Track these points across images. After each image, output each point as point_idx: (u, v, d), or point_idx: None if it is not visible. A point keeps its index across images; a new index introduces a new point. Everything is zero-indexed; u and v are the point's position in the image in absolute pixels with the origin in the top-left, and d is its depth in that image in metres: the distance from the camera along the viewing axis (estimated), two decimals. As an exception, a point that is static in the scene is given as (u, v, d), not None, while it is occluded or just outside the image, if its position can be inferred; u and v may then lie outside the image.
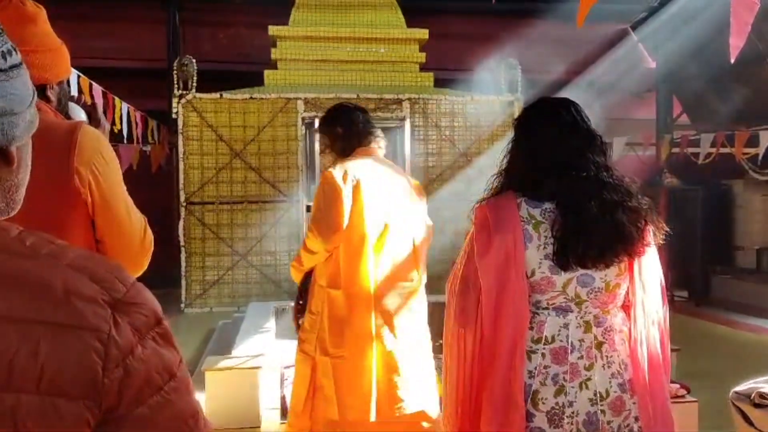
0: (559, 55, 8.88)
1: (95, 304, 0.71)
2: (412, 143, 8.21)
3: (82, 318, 0.70)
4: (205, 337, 6.45)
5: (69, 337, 0.69)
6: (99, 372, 0.69)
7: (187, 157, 7.86)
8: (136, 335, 0.72)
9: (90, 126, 1.66)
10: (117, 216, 1.61)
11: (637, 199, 1.76)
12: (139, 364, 0.72)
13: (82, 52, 8.00)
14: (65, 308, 0.69)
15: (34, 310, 0.68)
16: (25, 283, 0.70)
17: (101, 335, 0.70)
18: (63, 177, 1.51)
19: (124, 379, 0.70)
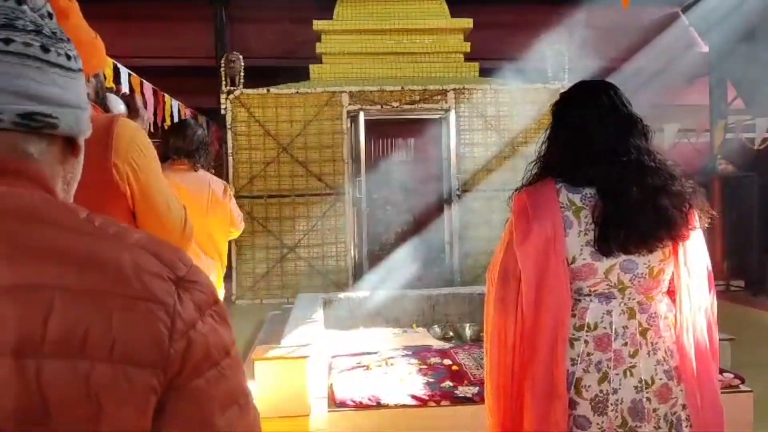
0: (607, 42, 8.71)
1: (161, 280, 0.76)
2: (458, 134, 8.18)
3: (151, 291, 0.75)
4: (255, 328, 6.57)
5: (139, 308, 0.73)
6: (166, 342, 0.74)
7: (236, 152, 8.00)
8: (197, 311, 0.77)
9: (126, 119, 1.69)
10: (156, 206, 1.64)
11: (681, 183, 1.72)
12: (199, 338, 0.76)
13: (133, 51, 8.23)
14: (135, 282, 0.74)
15: (108, 282, 0.73)
16: (97, 259, 0.75)
17: (168, 308, 0.75)
18: (102, 171, 1.55)
19: (186, 350, 0.75)
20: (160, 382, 0.74)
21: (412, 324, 6.08)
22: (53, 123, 0.82)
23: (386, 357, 4.40)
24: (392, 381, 3.88)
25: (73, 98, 0.85)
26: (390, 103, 8.07)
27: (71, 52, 0.86)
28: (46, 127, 0.81)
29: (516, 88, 8.22)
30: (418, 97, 8.10)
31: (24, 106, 0.79)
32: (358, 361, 4.33)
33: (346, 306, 6.32)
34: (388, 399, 3.61)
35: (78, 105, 0.86)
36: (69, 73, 0.85)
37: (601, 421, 1.69)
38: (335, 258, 8.11)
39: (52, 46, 0.83)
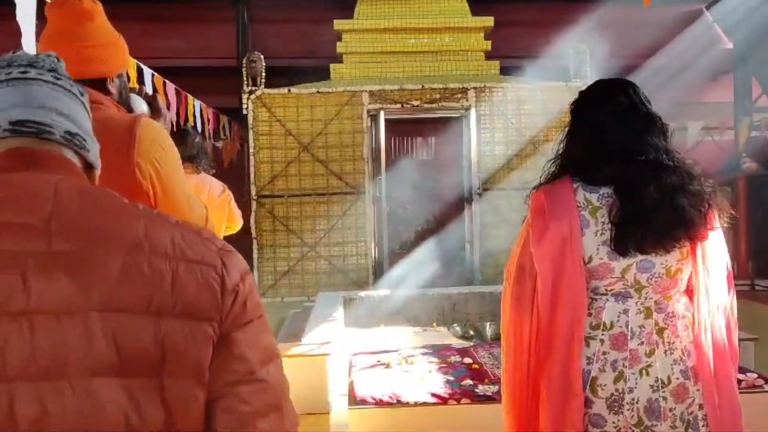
0: (629, 39, 8.64)
1: (208, 248, 0.93)
2: (478, 132, 8.16)
3: (203, 256, 0.91)
4: (276, 325, 6.61)
5: (195, 270, 0.89)
6: (218, 297, 0.90)
7: (257, 152, 8.05)
8: (238, 274, 0.94)
9: (149, 119, 1.71)
10: (178, 205, 1.66)
11: (700, 182, 1.71)
12: (242, 297, 0.93)
13: (156, 51, 8.32)
14: (188, 251, 0.90)
15: (166, 251, 0.88)
16: (151, 233, 0.89)
17: (217, 269, 0.91)
18: (125, 170, 1.57)
19: (233, 305, 0.91)
20: (215, 332, 0.89)
21: (432, 323, 6.08)
22: (86, 147, 0.99)
23: (406, 355, 4.41)
24: (412, 379, 3.89)
25: (94, 137, 1.03)
26: (410, 101, 8.08)
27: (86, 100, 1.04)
28: (82, 149, 0.98)
29: (537, 86, 8.18)
30: (439, 96, 8.10)
31: (69, 127, 0.95)
32: (379, 359, 4.35)
33: (367, 304, 6.34)
34: (408, 397, 3.62)
35: (95, 142, 1.03)
36: (89, 117, 1.03)
37: (617, 419, 1.69)
38: (355, 257, 8.13)
39: (85, 98, 1.02)
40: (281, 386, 0.98)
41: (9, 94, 0.92)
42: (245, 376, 0.92)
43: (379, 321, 6.05)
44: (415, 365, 4.19)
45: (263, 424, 0.93)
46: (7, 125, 0.91)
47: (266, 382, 0.94)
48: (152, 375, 0.85)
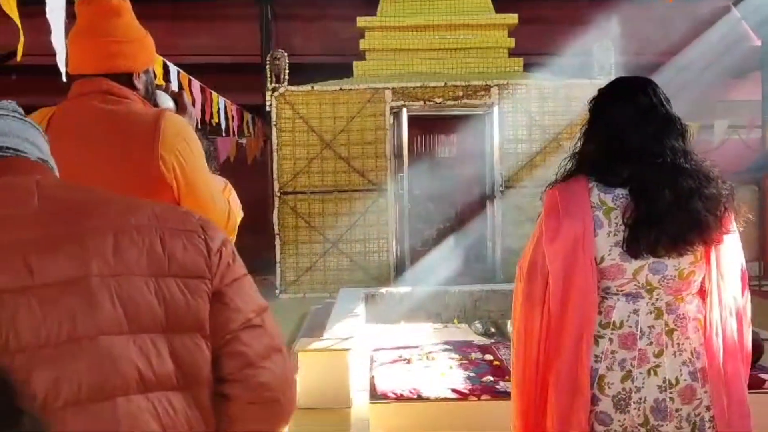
0: (655, 36, 8.55)
1: (187, 218, 1.04)
2: (501, 129, 8.13)
3: (184, 224, 1.02)
4: (298, 321, 6.66)
5: (180, 235, 1.00)
6: (206, 257, 1.00)
7: (280, 149, 8.11)
8: (219, 240, 1.04)
9: (174, 113, 1.75)
10: (201, 199, 1.69)
11: (716, 185, 1.69)
12: (225, 257, 1.03)
13: (182, 49, 8.40)
14: (170, 219, 1.01)
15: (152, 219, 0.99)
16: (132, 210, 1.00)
17: (200, 234, 1.02)
18: (149, 162, 1.61)
19: (219, 264, 1.02)
20: (209, 288, 0.99)
21: (454, 319, 6.09)
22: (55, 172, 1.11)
23: (427, 351, 4.43)
24: (433, 375, 3.90)
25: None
26: (433, 99, 8.08)
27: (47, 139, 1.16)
28: (53, 171, 1.09)
29: (561, 83, 8.13)
30: (462, 93, 8.09)
31: (39, 154, 1.07)
32: (400, 355, 4.37)
33: (388, 301, 6.36)
34: (428, 392, 3.64)
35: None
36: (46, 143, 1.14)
37: (623, 418, 1.70)
38: (377, 253, 8.16)
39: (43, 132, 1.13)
40: (276, 332, 1.07)
41: None
42: (243, 324, 1.02)
43: (400, 318, 6.07)
44: (436, 361, 4.20)
45: (268, 363, 1.03)
46: None
47: (263, 327, 1.04)
48: (158, 330, 0.94)
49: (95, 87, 1.70)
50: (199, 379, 0.96)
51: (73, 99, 1.73)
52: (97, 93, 1.69)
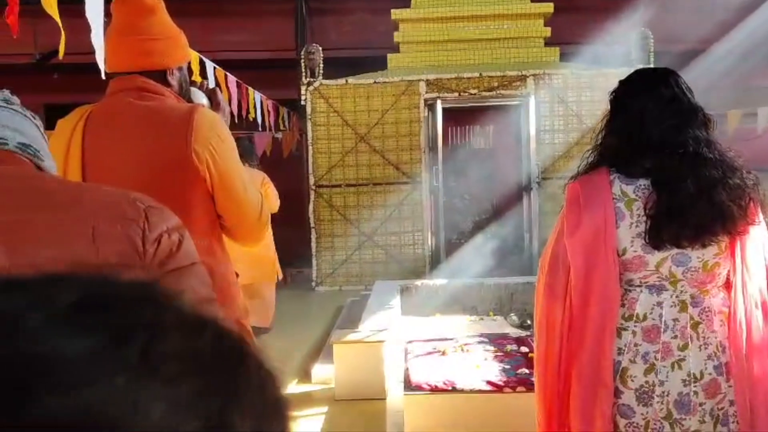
0: (695, 23, 8.34)
1: (133, 207, 1.04)
2: (537, 120, 8.05)
3: (125, 213, 1.03)
4: (334, 313, 6.72)
5: (116, 225, 1.01)
6: (139, 247, 1.01)
7: (315, 143, 8.16)
8: (164, 226, 1.04)
9: (207, 109, 1.79)
10: (234, 192, 1.72)
11: (741, 176, 1.66)
12: (166, 245, 1.02)
13: (218, 45, 8.51)
14: (112, 208, 1.03)
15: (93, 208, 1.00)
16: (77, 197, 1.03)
17: (139, 223, 1.02)
18: (182, 156, 1.65)
19: (157, 251, 1.02)
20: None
21: (489, 312, 6.07)
22: (40, 157, 1.13)
23: (462, 343, 4.43)
24: (468, 366, 3.91)
25: (49, 155, 1.17)
26: (468, 90, 8.03)
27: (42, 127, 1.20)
28: (35, 158, 1.11)
29: (598, 72, 8.01)
30: (497, 84, 8.03)
31: (21, 139, 1.10)
32: (434, 347, 4.38)
33: (423, 294, 6.37)
34: (463, 384, 3.64)
35: (52, 161, 1.18)
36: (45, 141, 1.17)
37: (646, 411, 1.68)
38: (412, 246, 8.16)
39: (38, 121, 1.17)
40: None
41: None
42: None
43: (435, 310, 6.08)
44: (471, 353, 4.20)
45: None
46: None
47: None
48: None
49: (130, 84, 1.74)
50: None
51: (109, 96, 1.78)
52: (132, 90, 1.74)
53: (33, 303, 0.28)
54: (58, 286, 0.30)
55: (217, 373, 0.30)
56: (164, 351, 0.28)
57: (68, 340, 0.27)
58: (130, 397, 0.26)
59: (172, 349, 0.29)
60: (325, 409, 4.28)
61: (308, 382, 4.78)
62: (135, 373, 0.27)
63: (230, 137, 1.78)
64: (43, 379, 0.25)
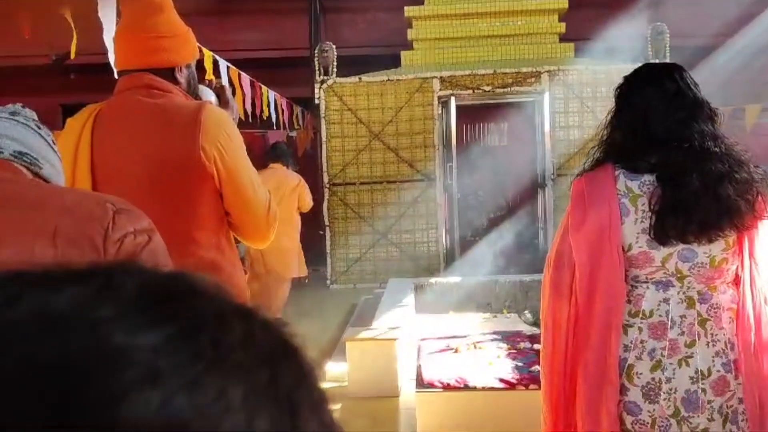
0: (711, 17, 8.25)
1: (101, 208, 1.05)
2: (552, 116, 8.00)
3: (92, 213, 1.03)
4: (348, 311, 6.73)
5: (80, 224, 1.01)
6: (100, 246, 1.01)
7: (329, 141, 8.17)
8: (131, 227, 1.04)
9: (215, 106, 1.80)
10: (242, 189, 1.73)
11: (748, 170, 1.64)
12: (129, 246, 1.03)
13: (231, 44, 8.54)
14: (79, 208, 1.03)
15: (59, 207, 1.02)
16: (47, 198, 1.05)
17: (103, 223, 1.03)
18: (190, 153, 1.66)
19: (118, 252, 1.02)
20: None
21: (503, 309, 6.05)
22: (38, 164, 1.15)
23: (475, 341, 4.42)
24: (481, 364, 3.90)
25: (53, 161, 1.20)
26: (482, 87, 8.00)
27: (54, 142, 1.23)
28: (33, 166, 1.15)
29: (614, 68, 7.92)
30: (511, 80, 7.99)
31: (18, 148, 1.13)
32: (447, 344, 4.37)
33: (437, 291, 6.36)
34: (475, 381, 3.63)
35: (56, 168, 1.20)
36: (52, 150, 1.20)
37: (653, 409, 1.67)
38: (426, 244, 8.15)
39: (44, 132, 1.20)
40: None
41: None
42: None
43: (449, 308, 6.07)
44: (484, 351, 4.19)
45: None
46: None
47: None
48: None
49: (138, 82, 1.76)
50: None
51: (118, 95, 1.80)
52: (140, 88, 1.75)
53: (99, 295, 0.29)
54: (114, 277, 0.31)
55: (277, 361, 0.31)
56: (231, 341, 0.29)
57: (144, 332, 0.27)
58: (212, 387, 0.27)
59: (237, 339, 0.30)
60: (338, 407, 4.29)
61: (321, 379, 4.79)
62: (211, 363, 0.28)
63: (238, 135, 1.79)
64: (128, 371, 0.26)
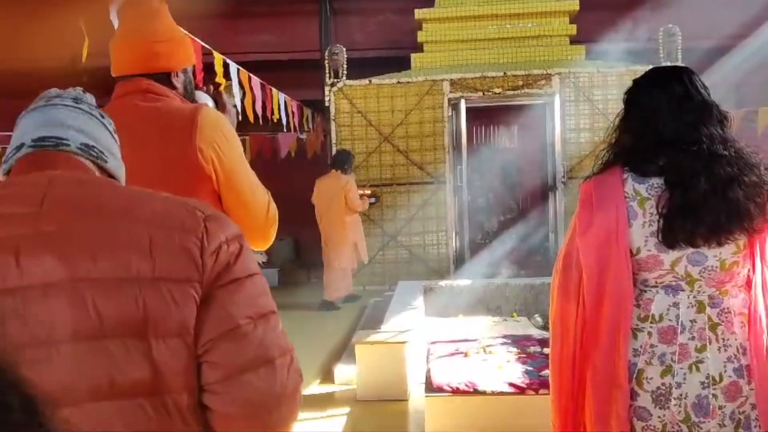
0: (724, 18, 8.19)
1: (192, 216, 1.00)
2: (563, 119, 7.97)
3: (183, 223, 0.99)
4: (358, 314, 6.73)
5: (174, 235, 0.97)
6: (198, 259, 0.97)
7: (339, 143, 8.17)
8: (223, 237, 1.00)
9: (211, 108, 1.80)
10: (240, 189, 1.73)
11: (758, 173, 1.62)
12: (225, 257, 0.99)
13: (242, 47, 8.57)
14: (170, 218, 0.99)
15: (146, 223, 0.97)
16: (134, 205, 1.00)
17: (197, 233, 0.98)
18: (187, 154, 1.66)
19: (215, 264, 0.98)
20: (198, 292, 0.95)
21: (513, 313, 6.02)
22: (104, 158, 1.11)
23: (485, 344, 4.39)
24: (490, 368, 3.87)
25: (116, 153, 1.15)
26: (492, 89, 7.98)
27: (115, 131, 1.18)
28: (99, 159, 1.10)
29: (625, 70, 7.90)
30: (521, 83, 7.96)
31: (85, 140, 1.08)
32: (457, 348, 4.35)
33: (447, 294, 6.34)
34: (485, 386, 3.61)
35: (119, 160, 1.16)
36: (114, 140, 1.16)
37: (663, 414, 1.65)
38: (436, 246, 8.13)
39: (107, 121, 1.15)
40: (272, 342, 1.00)
41: (34, 118, 1.09)
42: (229, 332, 0.96)
43: (459, 311, 6.05)
44: (494, 355, 4.16)
45: (251, 377, 0.97)
46: (31, 141, 1.07)
47: (252, 336, 0.98)
48: (137, 336, 0.92)
49: (135, 87, 1.77)
50: (175, 386, 0.94)
51: (115, 100, 1.81)
52: (137, 92, 1.76)
53: None
54: None
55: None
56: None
57: None
58: None
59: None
60: (347, 410, 4.28)
61: (331, 382, 4.79)
62: None
63: (235, 137, 1.79)
64: None
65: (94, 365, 0.90)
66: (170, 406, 0.94)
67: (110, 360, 0.91)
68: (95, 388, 0.90)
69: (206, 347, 0.96)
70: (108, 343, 0.91)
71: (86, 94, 1.15)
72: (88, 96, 1.15)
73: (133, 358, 0.91)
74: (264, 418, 0.98)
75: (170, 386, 0.94)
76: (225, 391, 0.96)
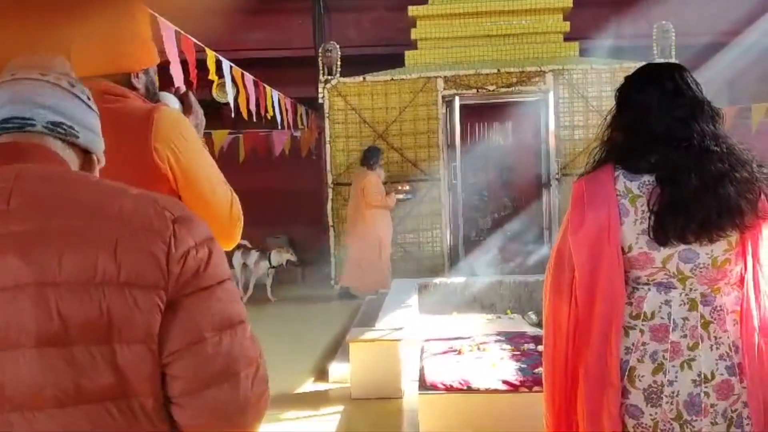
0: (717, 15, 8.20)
1: (160, 217, 0.97)
2: (557, 116, 7.97)
3: (151, 224, 0.95)
4: (352, 312, 6.72)
5: (141, 238, 0.94)
6: (164, 265, 0.93)
7: (333, 140, 8.16)
8: (192, 241, 0.97)
9: (169, 108, 1.76)
10: (199, 190, 1.70)
11: (750, 169, 1.62)
12: (193, 263, 0.96)
13: (235, 44, 8.52)
14: (138, 217, 0.95)
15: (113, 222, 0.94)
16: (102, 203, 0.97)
17: (164, 237, 0.95)
18: (143, 154, 1.64)
19: (182, 271, 0.94)
20: (162, 299, 0.93)
21: (507, 310, 6.02)
22: (74, 134, 1.06)
23: (479, 342, 4.39)
24: (484, 366, 3.87)
25: (90, 124, 1.11)
26: (486, 86, 7.98)
27: (90, 98, 1.15)
28: (69, 136, 1.06)
29: (619, 67, 7.90)
30: (515, 80, 7.96)
31: (51, 117, 1.04)
32: (451, 346, 4.35)
33: (441, 292, 6.34)
34: (478, 383, 3.61)
35: (94, 131, 1.11)
36: (89, 109, 1.11)
37: (655, 412, 1.65)
38: (431, 244, 8.13)
39: (78, 89, 1.12)
40: (238, 354, 0.98)
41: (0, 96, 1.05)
42: (194, 345, 0.95)
43: (453, 308, 6.05)
44: (488, 352, 4.16)
45: (215, 393, 0.96)
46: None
47: (217, 351, 0.96)
48: (101, 342, 0.91)
49: (94, 87, 1.74)
50: (141, 390, 0.94)
51: None
52: (95, 93, 1.74)
53: None
54: None
55: None
56: None
57: None
58: None
59: None
60: (341, 408, 4.28)
61: (325, 380, 4.78)
62: None
63: (194, 135, 1.76)
64: None
65: (59, 370, 0.90)
66: (136, 408, 0.93)
67: (75, 366, 0.90)
68: (61, 393, 0.90)
69: (171, 358, 0.95)
70: (73, 349, 0.90)
71: (59, 64, 1.12)
72: (58, 63, 1.12)
73: (98, 365, 0.91)
74: (229, 426, 0.99)
75: (136, 390, 0.93)
76: (189, 405, 0.96)
